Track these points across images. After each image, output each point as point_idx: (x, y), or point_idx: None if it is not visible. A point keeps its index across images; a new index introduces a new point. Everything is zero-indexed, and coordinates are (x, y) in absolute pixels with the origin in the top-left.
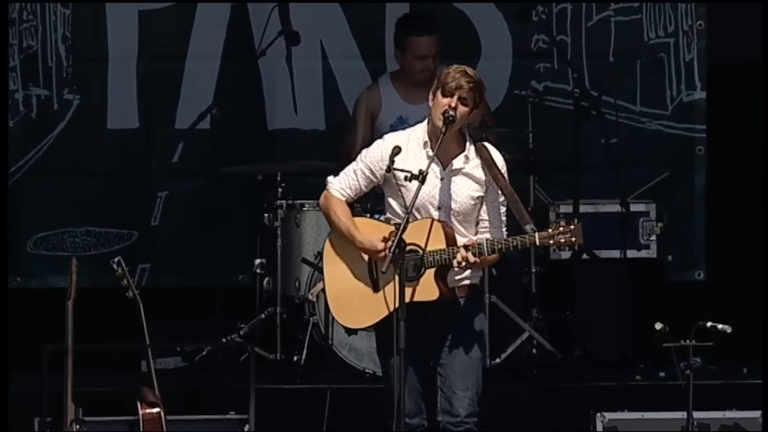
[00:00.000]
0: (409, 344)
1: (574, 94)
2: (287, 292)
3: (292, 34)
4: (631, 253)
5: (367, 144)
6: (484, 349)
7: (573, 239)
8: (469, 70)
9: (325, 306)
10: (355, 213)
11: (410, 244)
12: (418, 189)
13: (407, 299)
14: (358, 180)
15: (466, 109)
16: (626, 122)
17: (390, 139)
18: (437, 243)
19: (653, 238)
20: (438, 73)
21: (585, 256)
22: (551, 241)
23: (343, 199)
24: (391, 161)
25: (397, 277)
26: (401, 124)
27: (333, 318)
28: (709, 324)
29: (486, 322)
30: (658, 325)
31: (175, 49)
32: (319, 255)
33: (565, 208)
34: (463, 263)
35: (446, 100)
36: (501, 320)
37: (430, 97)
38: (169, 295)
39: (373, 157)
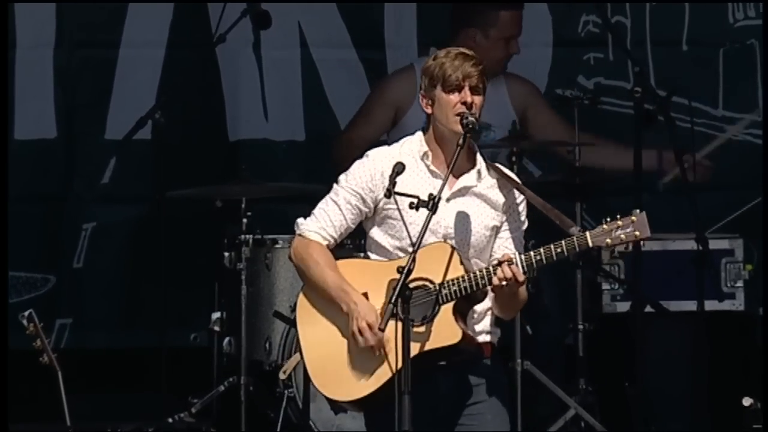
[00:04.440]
0: (417, 423)
1: (635, 94)
2: (255, 356)
3: (260, 14)
4: (711, 305)
5: (376, 145)
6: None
7: (637, 233)
8: (465, 50)
9: (304, 375)
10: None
11: (417, 278)
12: (428, 219)
13: (420, 349)
14: (342, 213)
15: (482, 99)
16: (704, 131)
17: (377, 156)
18: (452, 270)
19: (740, 284)
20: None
21: (649, 308)
22: (608, 240)
23: (325, 243)
24: (392, 182)
25: (400, 330)
26: None
27: (316, 391)
28: None
29: (518, 394)
30: (747, 401)
31: (105, 34)
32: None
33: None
34: (504, 282)
35: (455, 97)
36: (537, 393)
37: (423, 101)
38: (97, 360)
39: (360, 179)
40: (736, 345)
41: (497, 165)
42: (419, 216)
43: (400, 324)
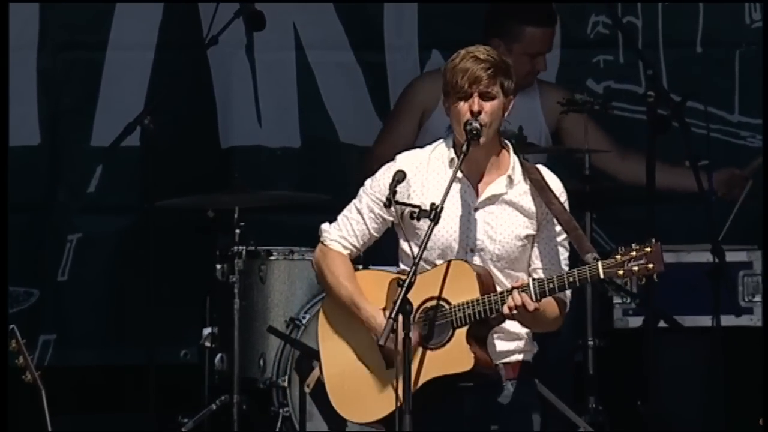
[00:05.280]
0: None
1: (647, 99)
2: (248, 373)
3: (254, 15)
4: (727, 320)
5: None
6: None
7: (650, 266)
8: (480, 52)
9: (300, 394)
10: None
11: (430, 298)
12: (430, 230)
13: (433, 374)
14: (365, 222)
15: (496, 104)
16: (720, 137)
17: (404, 160)
18: (467, 292)
19: (758, 298)
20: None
21: (663, 323)
22: (620, 271)
23: (346, 252)
24: (392, 192)
25: (413, 350)
26: None
27: (316, 410)
28: None
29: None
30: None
31: (91, 35)
32: (292, 321)
33: None
34: (515, 311)
35: (464, 106)
36: (546, 413)
37: (445, 107)
38: (82, 378)
39: (384, 187)
40: (753, 362)
41: (539, 168)
42: (441, 225)
43: (411, 343)
